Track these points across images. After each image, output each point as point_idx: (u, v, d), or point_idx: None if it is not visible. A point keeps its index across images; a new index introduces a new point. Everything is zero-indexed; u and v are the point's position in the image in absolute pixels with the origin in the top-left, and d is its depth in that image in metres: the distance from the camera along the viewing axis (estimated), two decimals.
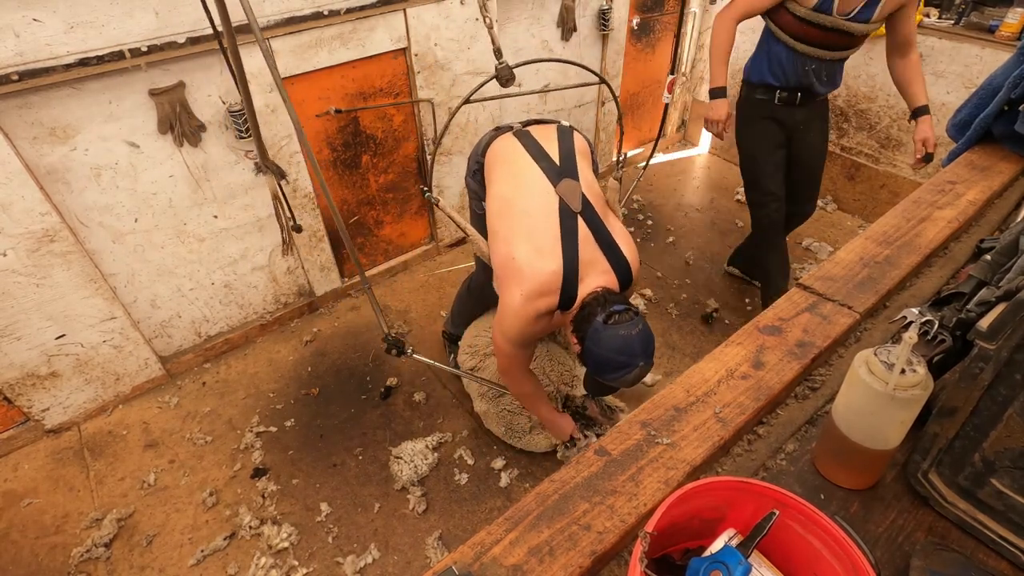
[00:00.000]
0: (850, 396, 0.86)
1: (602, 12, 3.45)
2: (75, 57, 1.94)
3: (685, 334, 2.99)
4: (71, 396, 2.50)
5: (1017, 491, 0.79)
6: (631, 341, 1.50)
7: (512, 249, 1.66)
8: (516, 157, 1.78)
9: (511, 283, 1.66)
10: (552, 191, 1.68)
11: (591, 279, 1.64)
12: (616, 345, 1.50)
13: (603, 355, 1.53)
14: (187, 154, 2.36)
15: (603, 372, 1.56)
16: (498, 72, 1.95)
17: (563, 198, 1.67)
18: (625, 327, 1.51)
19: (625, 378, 1.54)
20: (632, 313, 1.54)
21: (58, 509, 2.25)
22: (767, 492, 0.75)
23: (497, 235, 1.75)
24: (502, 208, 1.75)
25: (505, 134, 1.87)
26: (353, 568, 2.03)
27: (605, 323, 1.52)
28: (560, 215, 1.65)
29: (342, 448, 2.45)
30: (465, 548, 0.83)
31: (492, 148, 1.87)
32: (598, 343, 1.52)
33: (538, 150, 1.77)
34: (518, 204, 1.71)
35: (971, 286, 1.05)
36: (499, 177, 1.81)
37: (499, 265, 1.73)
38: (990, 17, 3.02)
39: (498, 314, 1.75)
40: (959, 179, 1.74)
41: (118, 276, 2.44)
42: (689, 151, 4.69)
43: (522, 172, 1.75)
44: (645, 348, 1.53)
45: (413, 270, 3.46)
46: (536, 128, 1.89)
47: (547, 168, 1.73)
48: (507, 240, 1.69)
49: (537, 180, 1.71)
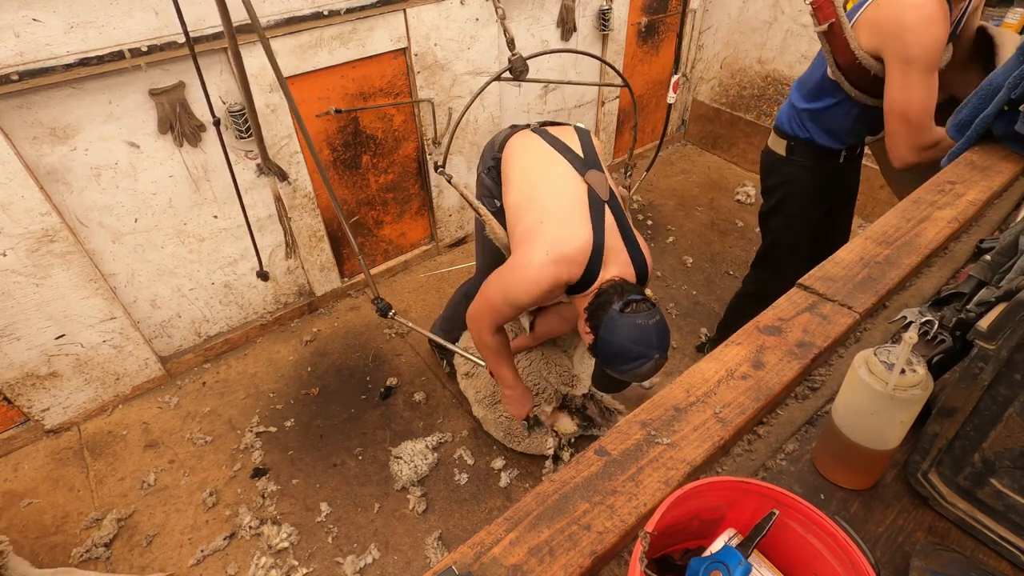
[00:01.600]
0: (850, 396, 0.86)
1: (602, 12, 3.45)
2: (75, 57, 1.94)
3: (685, 334, 2.99)
4: (71, 396, 2.50)
5: (1017, 491, 0.79)
6: (648, 331, 1.46)
7: (541, 217, 1.59)
8: (539, 149, 1.77)
9: (536, 242, 1.56)
10: (580, 179, 1.67)
11: (612, 267, 1.61)
12: (633, 335, 1.46)
13: (618, 344, 1.48)
14: (187, 154, 2.36)
15: (616, 363, 1.52)
16: (512, 64, 1.92)
17: (592, 186, 1.65)
18: (643, 316, 1.47)
19: (638, 371, 1.50)
20: (649, 304, 1.52)
21: (58, 509, 2.25)
22: (767, 492, 0.75)
23: (520, 211, 1.68)
24: (527, 193, 1.70)
25: (523, 130, 1.86)
26: (353, 568, 2.03)
27: (622, 311, 1.48)
28: (589, 200, 1.62)
29: (342, 448, 2.45)
30: (465, 548, 0.83)
31: (510, 144, 1.84)
32: (613, 332, 1.48)
33: (561, 145, 1.77)
34: (546, 184, 1.67)
35: (971, 286, 1.05)
36: (521, 168, 1.77)
37: (523, 231, 1.63)
38: (990, 17, 3.02)
39: (505, 267, 1.65)
40: (959, 179, 1.74)
41: (118, 276, 2.44)
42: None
43: (548, 161, 1.73)
44: (661, 340, 1.49)
45: (413, 270, 3.46)
46: (554, 128, 1.89)
47: (572, 159, 1.72)
48: (534, 214, 1.61)
49: (564, 168, 1.69)
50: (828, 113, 1.93)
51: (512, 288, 1.62)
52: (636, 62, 3.97)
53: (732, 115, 4.33)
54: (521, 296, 1.63)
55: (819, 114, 1.95)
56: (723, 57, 4.27)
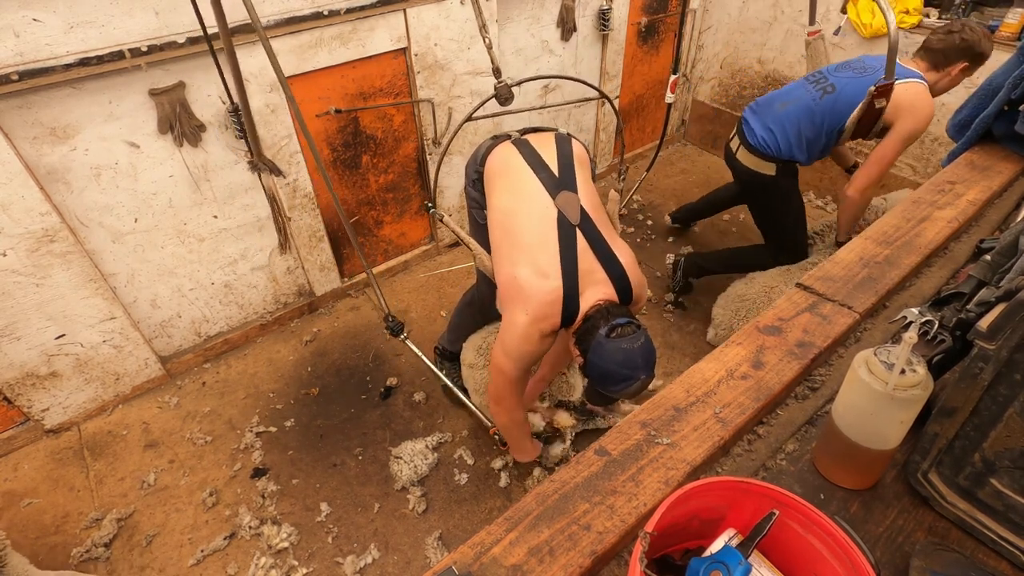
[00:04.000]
0: (850, 396, 0.86)
1: (602, 12, 3.45)
2: (75, 57, 1.94)
3: (685, 334, 2.99)
4: (71, 396, 2.50)
5: (1017, 491, 0.79)
6: (633, 355, 1.52)
7: (515, 270, 1.68)
8: (515, 168, 1.80)
9: (516, 304, 1.68)
10: (551, 204, 1.70)
11: (590, 292, 1.65)
12: (619, 359, 1.52)
13: (605, 368, 1.54)
14: (187, 154, 2.36)
15: (606, 384, 1.58)
16: (497, 91, 1.98)
17: (562, 211, 1.69)
18: (627, 340, 1.52)
19: (627, 390, 1.56)
20: (634, 327, 1.56)
21: (58, 509, 2.25)
22: (767, 492, 0.75)
23: (500, 252, 1.78)
24: (503, 222, 1.78)
25: (503, 143, 1.87)
26: (353, 568, 2.03)
27: (607, 336, 1.53)
28: (559, 227, 1.67)
29: (342, 448, 2.45)
30: (465, 548, 0.83)
31: (491, 157, 1.87)
32: (601, 356, 1.54)
33: (536, 160, 1.79)
34: (518, 219, 1.74)
35: (971, 286, 1.05)
36: (499, 190, 1.83)
37: (503, 284, 1.75)
38: (990, 17, 3.02)
39: (501, 334, 1.75)
40: (959, 179, 1.74)
41: (118, 276, 2.44)
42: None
43: (521, 184, 1.77)
44: (647, 361, 1.55)
45: (413, 270, 3.46)
46: (534, 137, 1.89)
47: (546, 179, 1.75)
48: (510, 259, 1.72)
49: (536, 193, 1.73)
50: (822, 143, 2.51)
51: (511, 350, 1.72)
52: (636, 62, 3.97)
53: (732, 115, 4.33)
54: (522, 355, 1.72)
55: (814, 142, 2.50)
56: (723, 57, 4.26)
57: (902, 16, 3.16)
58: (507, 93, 1.97)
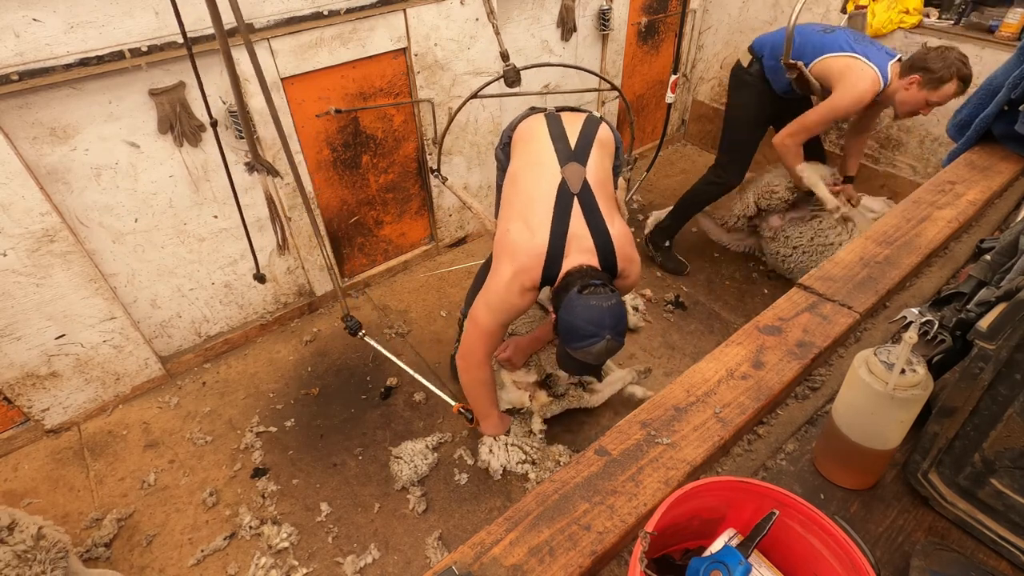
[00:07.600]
0: (850, 396, 0.86)
1: (602, 12, 3.45)
2: (75, 57, 1.94)
3: (685, 334, 2.99)
4: (71, 396, 2.50)
5: (1017, 491, 0.79)
6: (601, 313, 1.56)
7: (508, 224, 1.78)
8: (538, 136, 1.90)
9: (504, 256, 1.77)
10: (558, 172, 1.78)
11: (575, 256, 1.71)
12: (586, 315, 1.57)
13: (572, 323, 1.59)
14: (187, 154, 2.36)
15: (570, 341, 1.63)
16: (505, 73, 2.06)
17: (565, 179, 1.76)
18: (597, 298, 1.57)
19: (590, 349, 1.60)
20: (609, 290, 1.61)
21: (58, 509, 2.25)
22: (767, 492, 0.75)
23: (503, 210, 1.89)
24: (512, 181, 1.88)
25: (538, 114, 1.98)
26: (353, 568, 2.03)
27: (580, 292, 1.58)
28: (558, 193, 1.74)
29: (342, 448, 2.45)
30: (465, 548, 0.83)
31: (522, 125, 1.99)
32: (570, 311, 1.59)
33: (559, 132, 1.88)
34: (524, 181, 1.83)
35: (971, 286, 1.05)
36: (519, 153, 1.95)
37: (497, 238, 1.85)
38: (990, 17, 3.02)
39: (486, 286, 1.81)
40: (959, 179, 1.74)
41: (118, 276, 2.44)
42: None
43: (538, 152, 1.87)
44: (615, 323, 1.58)
45: (413, 270, 3.46)
46: (567, 114, 1.98)
47: (561, 150, 1.83)
48: (507, 215, 1.82)
49: (547, 161, 1.82)
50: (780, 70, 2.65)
51: (492, 300, 1.79)
52: (636, 62, 3.97)
53: None
54: (502, 306, 1.78)
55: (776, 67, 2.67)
56: (723, 57, 4.26)
57: (902, 16, 3.17)
58: (514, 75, 2.06)
